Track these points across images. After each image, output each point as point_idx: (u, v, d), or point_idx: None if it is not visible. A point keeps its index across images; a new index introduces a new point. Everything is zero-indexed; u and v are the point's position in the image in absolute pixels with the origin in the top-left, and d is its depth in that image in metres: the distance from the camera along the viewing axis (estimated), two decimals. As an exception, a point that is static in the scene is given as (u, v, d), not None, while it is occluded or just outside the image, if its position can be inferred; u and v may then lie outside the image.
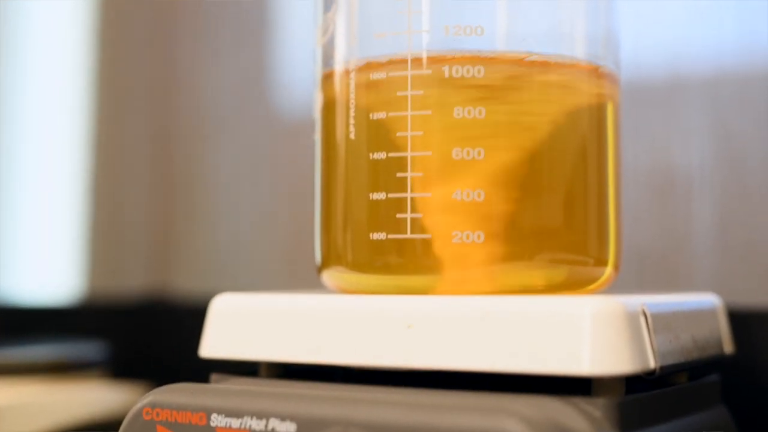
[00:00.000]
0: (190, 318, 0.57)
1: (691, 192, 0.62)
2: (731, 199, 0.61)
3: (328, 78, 0.45)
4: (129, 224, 0.91)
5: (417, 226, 0.42)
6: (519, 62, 0.42)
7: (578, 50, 0.44)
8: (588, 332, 0.36)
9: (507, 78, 0.42)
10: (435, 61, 0.42)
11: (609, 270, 0.45)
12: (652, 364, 0.38)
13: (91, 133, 0.96)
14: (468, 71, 0.41)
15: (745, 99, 0.61)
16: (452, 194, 0.41)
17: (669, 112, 0.64)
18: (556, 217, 0.43)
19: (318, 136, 0.46)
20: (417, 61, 0.42)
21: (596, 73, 0.44)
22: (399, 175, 0.42)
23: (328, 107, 0.45)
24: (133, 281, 0.89)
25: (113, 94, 0.95)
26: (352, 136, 0.44)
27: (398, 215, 0.42)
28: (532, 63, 0.42)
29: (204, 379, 0.46)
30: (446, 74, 0.41)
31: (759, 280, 0.60)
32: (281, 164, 0.83)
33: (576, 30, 0.44)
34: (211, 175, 0.86)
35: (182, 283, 0.85)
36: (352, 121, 0.43)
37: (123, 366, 0.77)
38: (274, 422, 0.37)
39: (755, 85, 0.61)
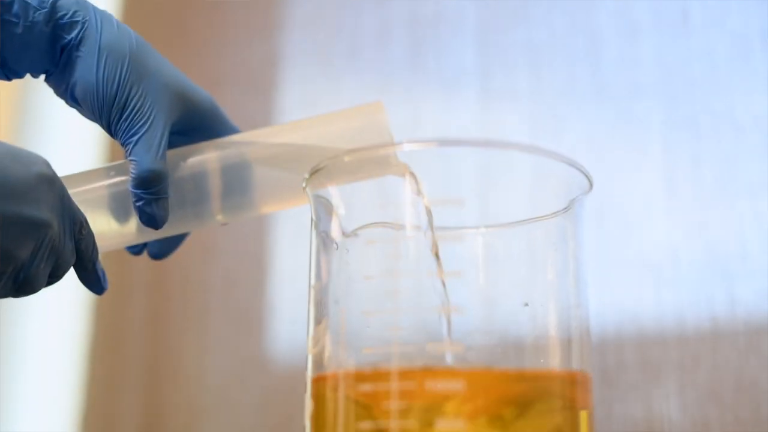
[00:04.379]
0: None
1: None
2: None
3: (318, 385, 0.48)
4: None
5: None
6: (498, 375, 0.45)
7: (553, 361, 0.47)
8: None
9: (487, 391, 0.44)
10: (419, 374, 0.44)
11: None
12: None
13: (81, 414, 0.97)
14: (451, 384, 0.44)
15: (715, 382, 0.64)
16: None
17: (641, 396, 0.66)
18: None
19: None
20: (403, 374, 0.44)
21: (570, 380, 0.47)
22: (385, 484, 0.44)
23: (318, 414, 0.47)
24: None
25: (106, 375, 0.97)
26: (340, 445, 0.45)
27: None
28: (510, 376, 0.45)
29: None
30: (429, 387, 0.44)
31: None
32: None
33: (551, 343, 0.47)
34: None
35: None
36: (340, 430, 0.45)
37: None
38: None
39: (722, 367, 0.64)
